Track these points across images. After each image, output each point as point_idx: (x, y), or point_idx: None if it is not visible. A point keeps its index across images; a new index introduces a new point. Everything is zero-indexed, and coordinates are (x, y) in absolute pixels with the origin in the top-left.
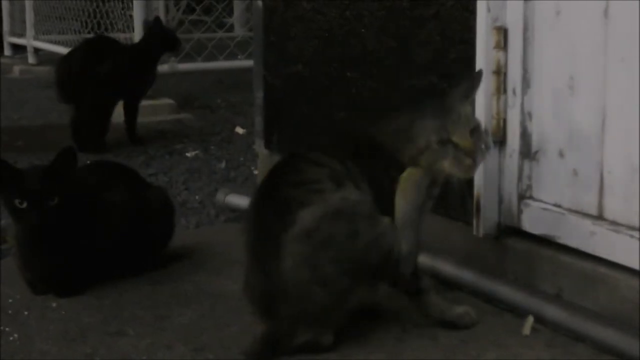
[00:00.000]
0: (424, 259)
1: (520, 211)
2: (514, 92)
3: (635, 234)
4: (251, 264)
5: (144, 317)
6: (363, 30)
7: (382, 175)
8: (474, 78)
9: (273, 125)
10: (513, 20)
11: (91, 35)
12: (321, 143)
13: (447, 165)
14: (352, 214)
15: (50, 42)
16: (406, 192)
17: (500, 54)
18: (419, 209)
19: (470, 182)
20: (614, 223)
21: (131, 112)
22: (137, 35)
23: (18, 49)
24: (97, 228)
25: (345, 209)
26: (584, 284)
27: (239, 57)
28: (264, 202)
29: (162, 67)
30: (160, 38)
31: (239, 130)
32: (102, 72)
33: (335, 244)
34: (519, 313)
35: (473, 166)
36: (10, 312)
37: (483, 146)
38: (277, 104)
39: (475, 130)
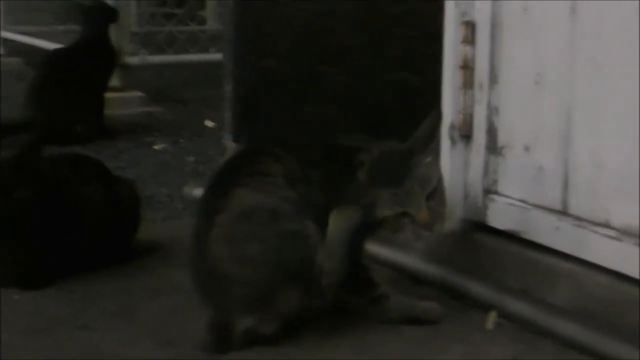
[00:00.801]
0: (389, 254)
1: (486, 206)
2: (481, 87)
3: (599, 230)
4: (191, 249)
5: (111, 310)
6: (337, 25)
7: (339, 191)
8: (432, 120)
9: (242, 120)
10: (481, 15)
11: (62, 27)
12: (289, 141)
13: (403, 236)
14: (284, 213)
15: (21, 32)
16: (342, 216)
17: (468, 48)
18: (353, 230)
19: None
20: (578, 219)
21: (97, 103)
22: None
23: None
24: (64, 220)
25: (281, 208)
26: (549, 279)
27: (211, 50)
28: (212, 186)
29: (133, 60)
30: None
31: (209, 123)
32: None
33: (260, 236)
34: (485, 308)
35: (431, 233)
36: None
37: (443, 206)
38: (248, 98)
39: (433, 193)
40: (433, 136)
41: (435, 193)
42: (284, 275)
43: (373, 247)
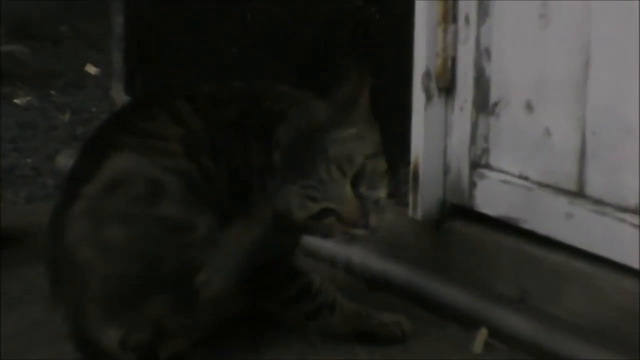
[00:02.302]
0: (339, 250)
1: (472, 185)
2: (466, 20)
3: (625, 217)
4: (48, 230)
5: None
6: None
7: (250, 183)
8: (356, 82)
9: (138, 64)
10: None
11: None
12: (199, 91)
13: (331, 237)
14: (170, 193)
15: None
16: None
17: None
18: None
19: (404, 144)
20: (597, 202)
21: None
22: None
23: None
24: None
25: (166, 184)
26: (556, 284)
27: None
28: (85, 148)
29: None
30: None
31: (91, 69)
32: None
33: (130, 216)
34: (469, 324)
35: (367, 231)
36: None
37: (380, 192)
38: (145, 34)
39: (361, 175)
40: (356, 102)
41: (364, 174)
42: (152, 276)
43: (317, 241)
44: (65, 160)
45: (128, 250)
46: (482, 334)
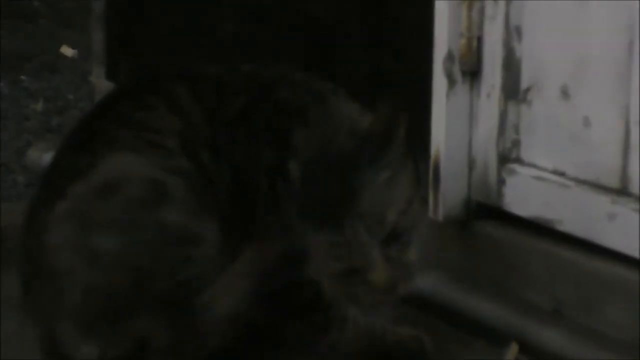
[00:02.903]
0: None
1: (501, 182)
2: None
3: None
4: (23, 231)
5: None
6: None
7: (256, 169)
8: (389, 109)
9: (121, 45)
10: None
11: None
12: (203, 74)
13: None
14: (172, 196)
15: None
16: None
17: None
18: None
19: (423, 136)
20: None
21: None
22: None
23: None
24: None
25: (169, 186)
26: (598, 294)
27: None
28: (68, 142)
29: None
30: None
31: (68, 51)
32: None
33: (125, 223)
34: (497, 339)
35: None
36: None
37: (411, 253)
38: (129, 12)
39: (396, 235)
40: (390, 140)
41: (396, 233)
42: (143, 292)
43: None
44: (38, 155)
45: (119, 260)
46: (513, 350)
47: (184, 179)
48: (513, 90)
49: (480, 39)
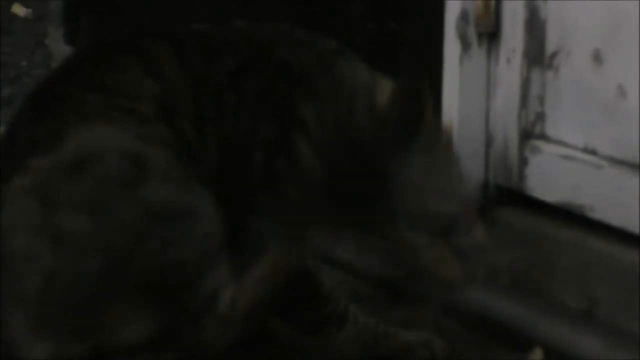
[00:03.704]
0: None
1: (523, 161)
2: None
3: None
4: None
5: None
6: None
7: (249, 141)
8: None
9: (83, 3)
10: None
11: None
12: (187, 32)
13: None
14: (156, 167)
15: None
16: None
17: None
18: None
19: (433, 106)
20: None
21: None
22: None
23: None
24: None
25: (149, 157)
26: (633, 291)
27: None
28: (27, 108)
29: None
30: None
31: (20, 10)
32: None
33: (101, 202)
34: (520, 344)
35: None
36: None
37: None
38: None
39: (454, 224)
40: (421, 115)
41: (455, 219)
42: (123, 279)
43: None
44: None
45: (88, 243)
46: (537, 356)
47: (165, 148)
48: (537, 55)
49: None
